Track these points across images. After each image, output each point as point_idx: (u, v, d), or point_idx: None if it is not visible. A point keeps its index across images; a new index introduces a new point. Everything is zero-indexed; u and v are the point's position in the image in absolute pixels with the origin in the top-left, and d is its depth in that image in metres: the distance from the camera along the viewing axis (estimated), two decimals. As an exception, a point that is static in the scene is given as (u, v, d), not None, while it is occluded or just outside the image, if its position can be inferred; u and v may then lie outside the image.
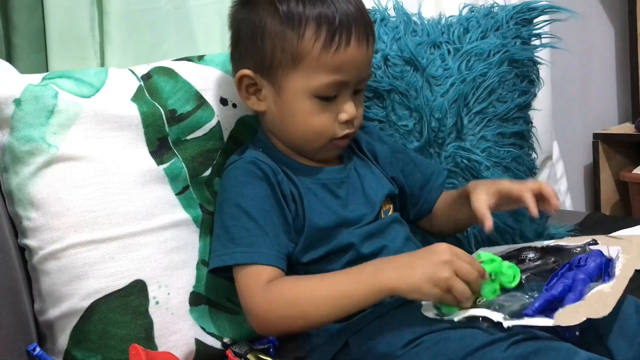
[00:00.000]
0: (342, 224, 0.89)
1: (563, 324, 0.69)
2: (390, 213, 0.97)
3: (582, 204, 2.17)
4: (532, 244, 0.88)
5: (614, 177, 2.10)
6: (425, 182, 1.05)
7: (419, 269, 0.73)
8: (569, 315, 0.69)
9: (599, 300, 0.72)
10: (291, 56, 0.85)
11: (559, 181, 1.88)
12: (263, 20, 0.86)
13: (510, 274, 0.77)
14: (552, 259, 0.84)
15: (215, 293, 0.95)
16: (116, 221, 0.87)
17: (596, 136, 2.09)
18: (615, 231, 1.26)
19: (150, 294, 0.88)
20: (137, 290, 0.87)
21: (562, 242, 0.88)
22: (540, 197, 0.87)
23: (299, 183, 0.89)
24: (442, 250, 0.74)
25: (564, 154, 1.92)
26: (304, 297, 0.78)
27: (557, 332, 0.72)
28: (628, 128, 2.13)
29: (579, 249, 0.85)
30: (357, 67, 0.87)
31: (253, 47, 0.88)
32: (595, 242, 0.86)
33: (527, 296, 0.76)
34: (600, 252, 0.81)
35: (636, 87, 2.15)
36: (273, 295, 0.79)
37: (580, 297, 0.73)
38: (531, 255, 0.85)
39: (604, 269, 0.78)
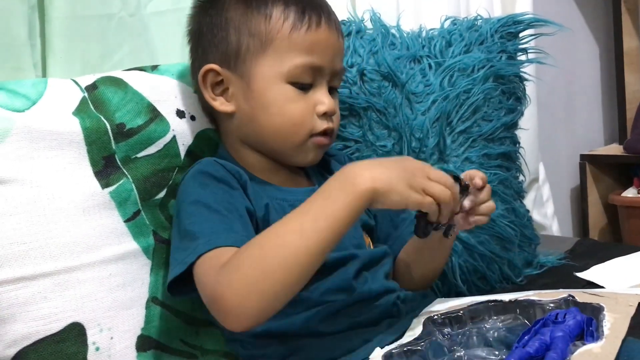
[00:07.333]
0: None
1: None
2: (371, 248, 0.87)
3: (569, 229, 2.11)
4: (499, 297, 0.77)
5: (602, 200, 2.05)
6: (394, 228, 0.94)
7: (393, 169, 0.68)
8: None
9: None
10: (259, 39, 0.79)
11: (546, 204, 1.84)
12: (225, 9, 0.81)
13: None
14: (521, 317, 0.73)
15: (168, 335, 0.84)
16: (51, 254, 0.76)
17: (583, 157, 2.05)
18: (608, 259, 1.19)
19: (90, 339, 0.77)
20: (74, 335, 0.76)
21: (533, 297, 0.76)
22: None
23: (265, 196, 0.80)
24: (412, 159, 0.71)
25: (550, 176, 1.87)
26: (274, 243, 0.65)
27: None
28: (615, 149, 2.10)
29: (552, 305, 0.73)
30: (331, 52, 0.81)
31: (217, 38, 0.81)
32: (572, 298, 0.74)
33: (495, 354, 0.65)
34: (578, 310, 0.70)
35: (623, 106, 2.11)
36: (235, 264, 0.65)
37: (563, 356, 0.62)
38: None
39: (586, 328, 0.67)
